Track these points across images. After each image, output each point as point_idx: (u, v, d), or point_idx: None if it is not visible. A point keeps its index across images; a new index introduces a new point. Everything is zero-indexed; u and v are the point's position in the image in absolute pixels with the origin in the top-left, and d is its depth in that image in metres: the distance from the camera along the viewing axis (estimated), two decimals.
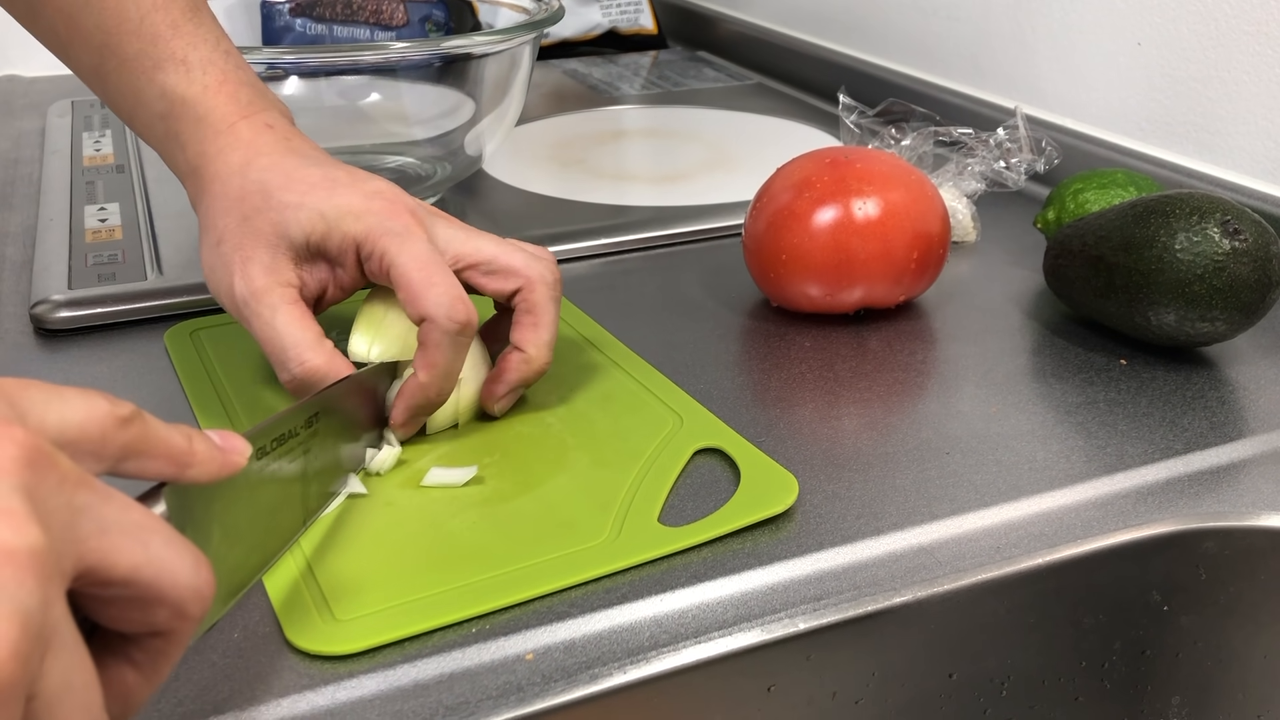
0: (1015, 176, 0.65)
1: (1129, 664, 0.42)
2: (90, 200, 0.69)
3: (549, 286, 0.45)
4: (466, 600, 0.35)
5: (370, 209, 0.44)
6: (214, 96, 0.46)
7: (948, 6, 0.83)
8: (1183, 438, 0.46)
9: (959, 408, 0.48)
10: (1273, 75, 0.60)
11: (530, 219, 0.68)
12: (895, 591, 0.37)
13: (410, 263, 0.43)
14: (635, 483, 0.41)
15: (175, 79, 0.46)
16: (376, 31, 0.99)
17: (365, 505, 0.40)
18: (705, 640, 0.35)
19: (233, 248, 0.44)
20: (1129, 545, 0.40)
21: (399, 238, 0.43)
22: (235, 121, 0.46)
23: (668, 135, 0.87)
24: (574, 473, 0.42)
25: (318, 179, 0.45)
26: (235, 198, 0.45)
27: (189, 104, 0.46)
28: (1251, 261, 0.48)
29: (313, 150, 0.47)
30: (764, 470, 0.42)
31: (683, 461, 0.43)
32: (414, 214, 0.45)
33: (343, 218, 0.44)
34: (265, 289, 0.44)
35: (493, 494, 0.41)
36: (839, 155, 0.55)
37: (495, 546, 0.38)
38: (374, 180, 0.46)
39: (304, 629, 0.34)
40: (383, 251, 0.43)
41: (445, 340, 0.42)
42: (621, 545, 0.38)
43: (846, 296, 0.54)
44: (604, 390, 0.48)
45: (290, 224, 0.44)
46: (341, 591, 0.36)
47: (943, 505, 0.41)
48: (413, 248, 0.43)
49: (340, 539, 0.39)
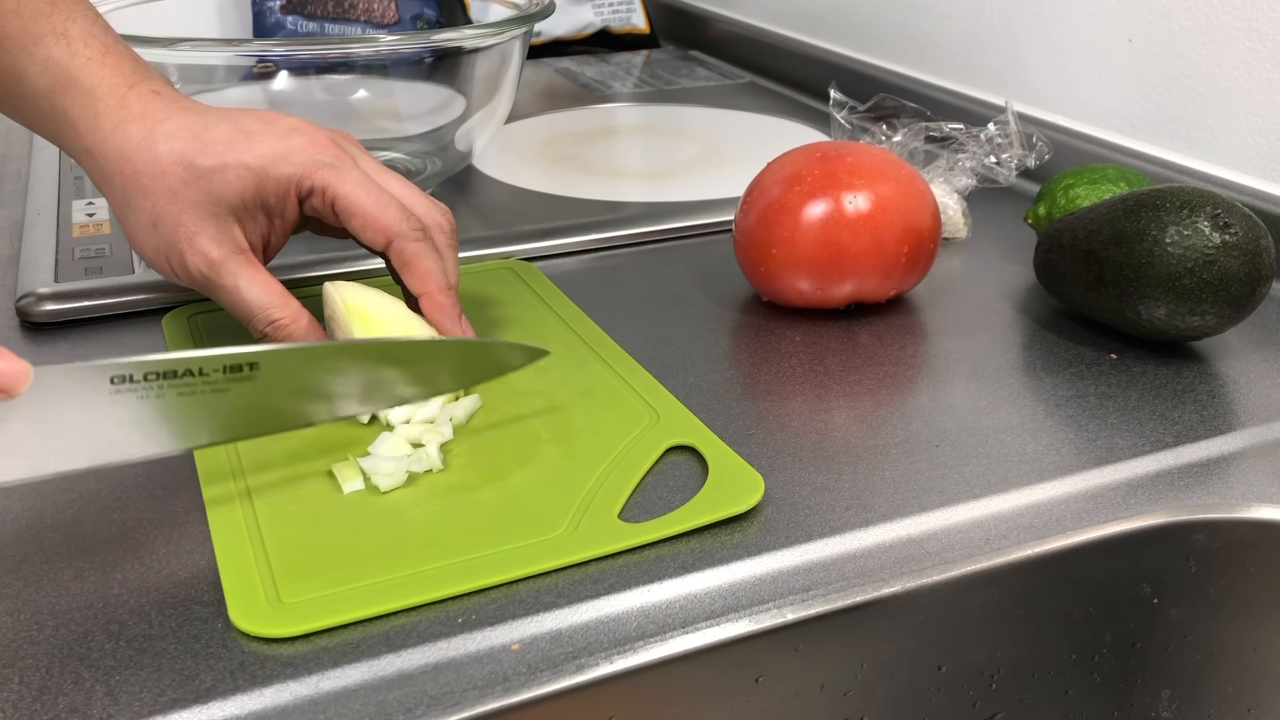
0: (1006, 172, 0.65)
1: (1119, 656, 0.42)
2: (78, 195, 0.69)
3: (418, 240, 0.46)
4: (410, 589, 0.35)
5: (294, 147, 0.45)
6: (99, 69, 0.46)
7: (939, 4, 0.83)
8: (1172, 431, 0.45)
9: (949, 401, 0.48)
10: (1262, 71, 0.60)
11: (521, 214, 0.68)
12: (884, 582, 0.37)
13: (355, 190, 0.45)
14: (602, 478, 0.41)
15: (58, 51, 0.45)
16: (368, 29, 0.99)
17: (331, 488, 0.40)
18: (692, 630, 0.35)
19: (171, 226, 0.44)
20: (1119, 537, 0.40)
21: (334, 169, 0.45)
22: (124, 94, 0.45)
23: (659, 133, 0.86)
24: (542, 466, 0.42)
25: (229, 134, 0.45)
26: (153, 174, 0.44)
27: (74, 77, 0.45)
28: (1241, 255, 0.48)
29: (206, 107, 0.47)
30: (732, 469, 0.41)
31: (653, 458, 0.42)
32: (335, 143, 0.46)
33: (270, 165, 0.44)
34: (221, 260, 0.44)
35: (457, 484, 0.41)
36: (829, 149, 0.55)
37: (450, 536, 0.38)
38: (283, 118, 0.46)
39: (249, 610, 0.34)
40: (323, 185, 0.45)
41: (423, 248, 0.45)
42: (577, 539, 0.38)
43: (837, 291, 0.54)
44: (585, 385, 0.48)
45: (221, 187, 0.44)
46: (292, 574, 0.36)
47: (932, 497, 0.41)
48: (352, 175, 0.45)
49: (300, 520, 0.39)
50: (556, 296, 0.56)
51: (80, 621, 0.35)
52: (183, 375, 0.38)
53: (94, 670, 0.33)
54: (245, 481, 0.41)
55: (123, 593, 0.36)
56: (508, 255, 0.62)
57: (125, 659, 0.33)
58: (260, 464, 0.42)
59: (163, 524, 0.39)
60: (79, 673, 0.33)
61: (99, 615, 0.35)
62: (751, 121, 0.88)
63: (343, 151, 0.46)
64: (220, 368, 0.38)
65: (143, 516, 0.40)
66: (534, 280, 0.58)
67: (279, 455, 0.42)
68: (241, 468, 0.42)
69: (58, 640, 0.34)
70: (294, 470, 0.42)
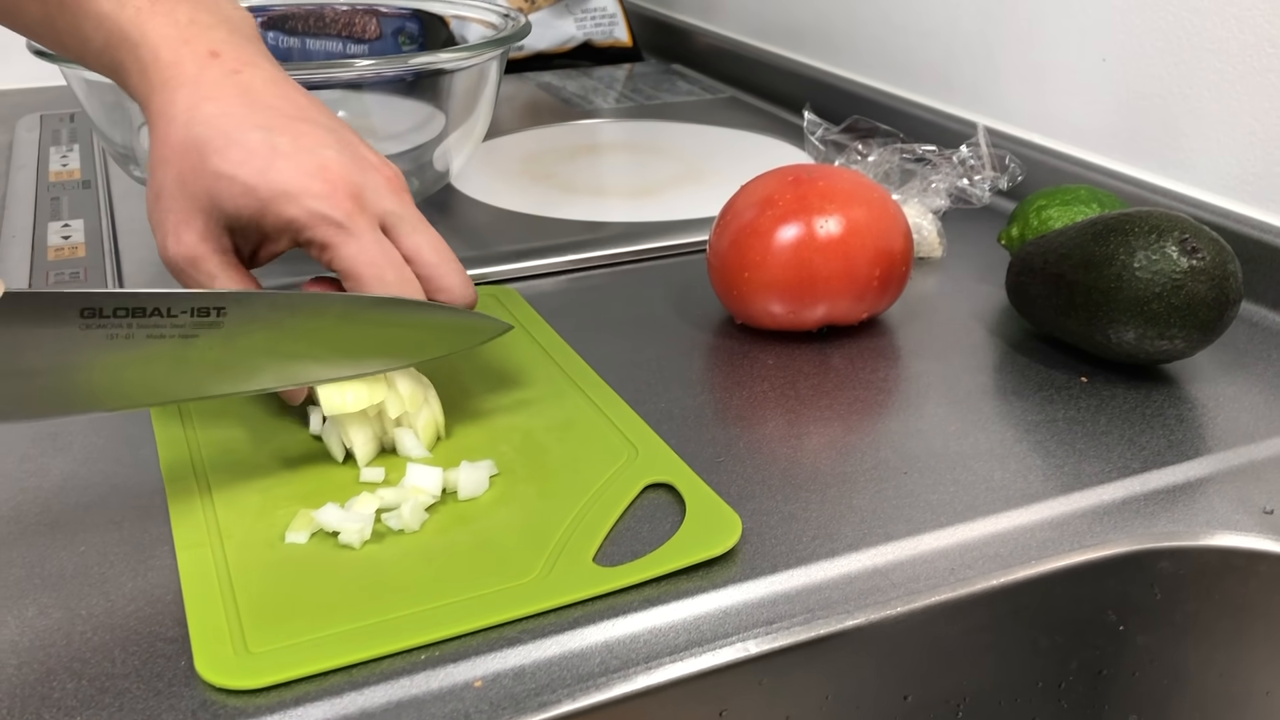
0: (979, 193, 0.65)
1: (1086, 684, 0.42)
2: (54, 217, 0.69)
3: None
4: (379, 637, 0.35)
5: (308, 190, 0.42)
6: (148, 19, 0.44)
7: (917, 22, 0.83)
8: (1140, 456, 0.46)
9: (919, 426, 0.48)
10: (1233, 92, 0.60)
11: (498, 235, 0.68)
12: (848, 614, 0.37)
13: (354, 261, 0.42)
14: (578, 518, 0.41)
15: (108, 6, 0.44)
16: (349, 44, 0.99)
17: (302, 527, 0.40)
18: (656, 666, 0.35)
19: (168, 208, 0.43)
20: (1084, 566, 0.40)
21: (340, 230, 0.42)
22: (177, 48, 0.43)
23: (640, 150, 0.87)
24: (518, 505, 0.42)
25: (257, 145, 0.42)
26: (177, 149, 0.43)
27: (124, 30, 0.44)
28: (1209, 280, 0.48)
29: (264, 86, 0.44)
30: (709, 509, 0.41)
31: (630, 496, 0.42)
32: (358, 199, 0.42)
33: (277, 198, 0.42)
34: (201, 256, 0.43)
35: (431, 525, 0.41)
36: (801, 173, 0.55)
37: (422, 580, 0.37)
38: (321, 148, 0.43)
39: (216, 661, 0.34)
40: (322, 243, 0.42)
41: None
42: (550, 585, 0.37)
43: (809, 314, 0.54)
44: (564, 417, 0.48)
45: (223, 196, 0.42)
46: (260, 620, 0.36)
47: (899, 526, 0.41)
48: (356, 243, 0.42)
49: (269, 562, 0.38)
50: (537, 323, 0.56)
51: (43, 660, 0.35)
52: (150, 314, 0.38)
53: (55, 710, 0.33)
54: (217, 520, 0.41)
55: (87, 629, 0.36)
56: (486, 277, 0.62)
57: (87, 699, 0.33)
58: (232, 503, 0.42)
59: (129, 557, 0.39)
60: (40, 713, 0.33)
61: (62, 653, 0.35)
62: (732, 138, 0.89)
63: (359, 210, 0.42)
64: (188, 309, 0.39)
65: (109, 550, 0.40)
66: (516, 307, 0.58)
67: (253, 493, 0.42)
68: (214, 504, 0.42)
69: (20, 680, 0.34)
70: (267, 510, 0.41)
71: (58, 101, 0.96)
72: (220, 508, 0.41)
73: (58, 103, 0.96)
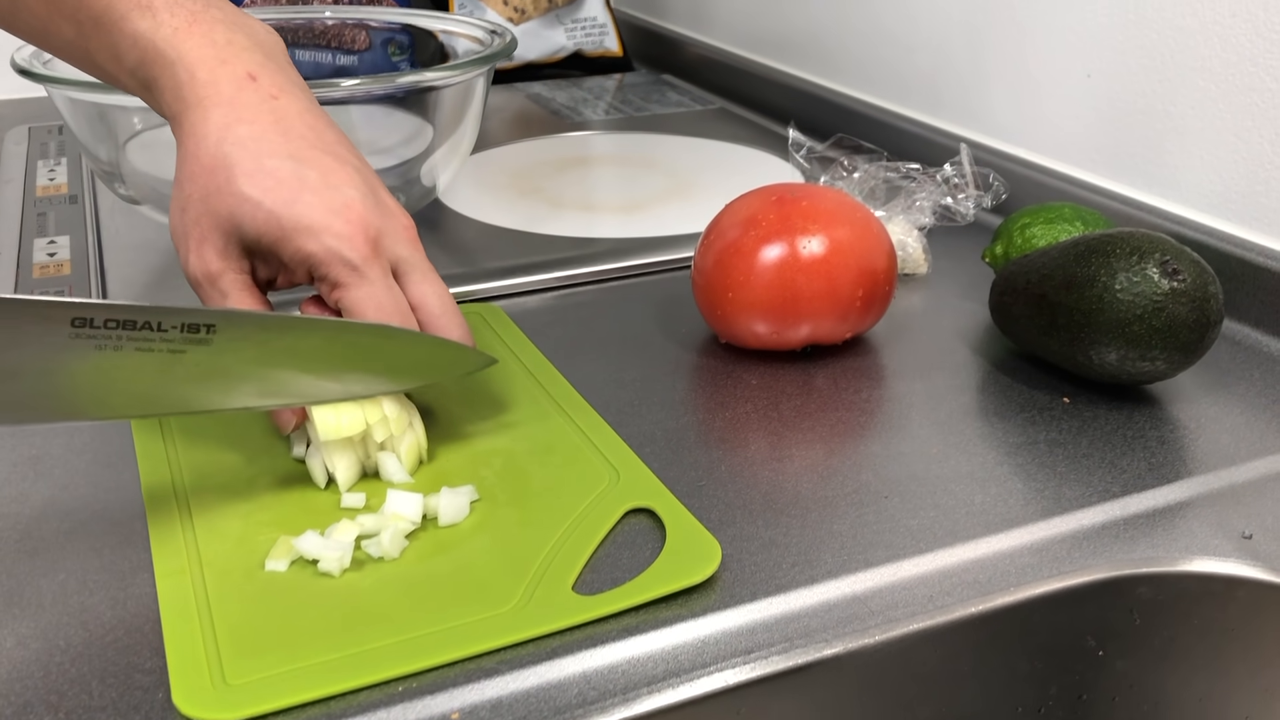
0: (964, 211, 0.65)
1: (1066, 709, 0.43)
2: (40, 233, 0.69)
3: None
4: (358, 669, 0.35)
5: (330, 229, 0.43)
6: (185, 39, 0.44)
7: (906, 36, 0.83)
8: (1120, 480, 0.46)
9: (900, 449, 0.48)
10: (1215, 109, 0.61)
11: (485, 251, 0.68)
12: (826, 643, 0.37)
13: (363, 304, 0.43)
14: (558, 545, 0.40)
15: (144, 24, 0.44)
16: (339, 55, 0.99)
17: (282, 555, 0.40)
18: (634, 698, 0.35)
19: (192, 222, 0.43)
20: (1063, 592, 0.40)
21: (354, 273, 0.43)
22: (214, 69, 0.44)
23: (629, 163, 0.87)
24: (498, 532, 0.41)
25: (286, 174, 0.43)
26: (206, 167, 0.43)
27: (160, 49, 0.44)
28: (1190, 302, 0.48)
29: (298, 116, 0.45)
30: (689, 536, 0.41)
31: (611, 522, 0.42)
32: (375, 244, 0.43)
33: (298, 232, 0.42)
34: (218, 273, 0.44)
35: (411, 552, 0.41)
36: (785, 192, 0.55)
37: (401, 609, 0.37)
38: (347, 187, 0.43)
39: (193, 693, 0.34)
40: (334, 282, 0.43)
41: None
42: (528, 614, 0.37)
43: (793, 334, 0.54)
44: (546, 440, 0.48)
45: (245, 221, 0.42)
46: (239, 651, 0.35)
47: (878, 552, 0.41)
48: (367, 288, 0.43)
49: (248, 592, 0.38)
50: (523, 344, 0.56)
51: (20, 692, 0.35)
52: (141, 327, 0.38)
53: None
54: (197, 546, 0.41)
55: (64, 660, 0.36)
56: (473, 294, 0.62)
57: None
58: (213, 528, 0.42)
59: (109, 585, 0.39)
60: None
61: (39, 685, 0.35)
62: (720, 151, 0.89)
63: (375, 255, 0.43)
64: (178, 325, 0.39)
65: (89, 577, 0.40)
66: (501, 327, 0.58)
67: (233, 519, 0.42)
68: (194, 529, 0.42)
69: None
70: (247, 536, 0.41)
71: (46, 114, 0.96)
72: (201, 533, 0.41)
73: (46, 115, 0.96)
